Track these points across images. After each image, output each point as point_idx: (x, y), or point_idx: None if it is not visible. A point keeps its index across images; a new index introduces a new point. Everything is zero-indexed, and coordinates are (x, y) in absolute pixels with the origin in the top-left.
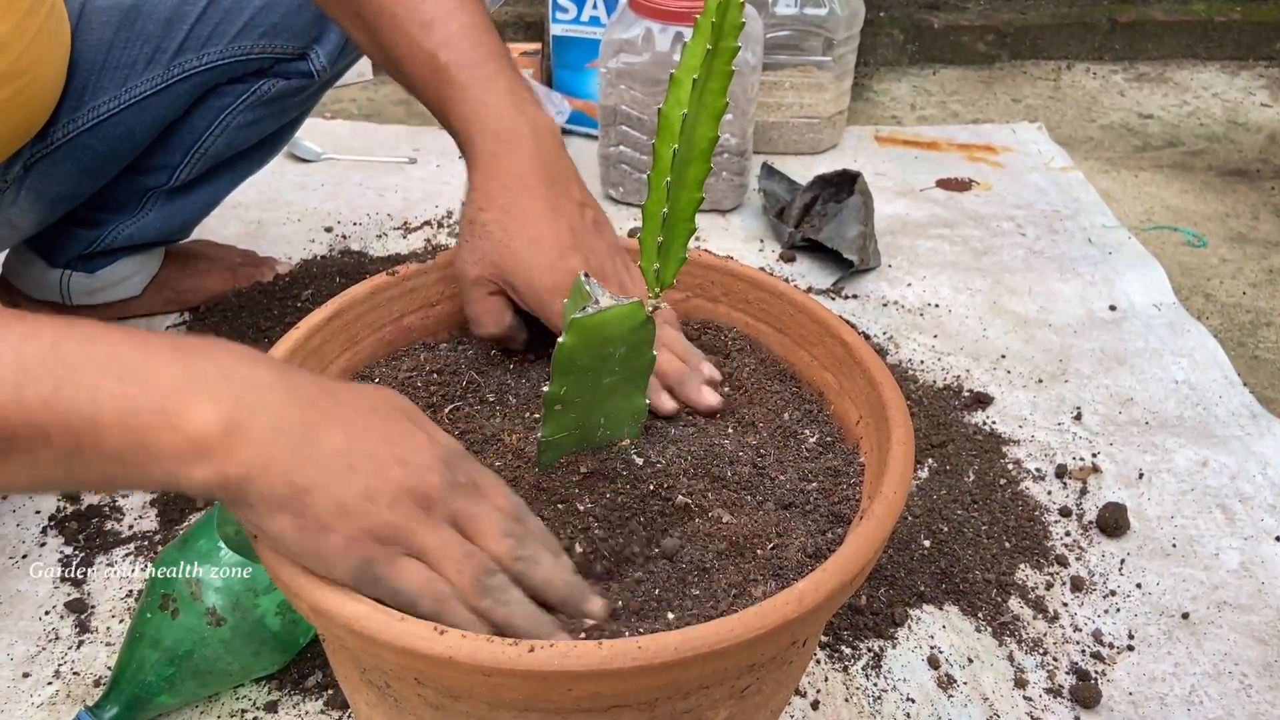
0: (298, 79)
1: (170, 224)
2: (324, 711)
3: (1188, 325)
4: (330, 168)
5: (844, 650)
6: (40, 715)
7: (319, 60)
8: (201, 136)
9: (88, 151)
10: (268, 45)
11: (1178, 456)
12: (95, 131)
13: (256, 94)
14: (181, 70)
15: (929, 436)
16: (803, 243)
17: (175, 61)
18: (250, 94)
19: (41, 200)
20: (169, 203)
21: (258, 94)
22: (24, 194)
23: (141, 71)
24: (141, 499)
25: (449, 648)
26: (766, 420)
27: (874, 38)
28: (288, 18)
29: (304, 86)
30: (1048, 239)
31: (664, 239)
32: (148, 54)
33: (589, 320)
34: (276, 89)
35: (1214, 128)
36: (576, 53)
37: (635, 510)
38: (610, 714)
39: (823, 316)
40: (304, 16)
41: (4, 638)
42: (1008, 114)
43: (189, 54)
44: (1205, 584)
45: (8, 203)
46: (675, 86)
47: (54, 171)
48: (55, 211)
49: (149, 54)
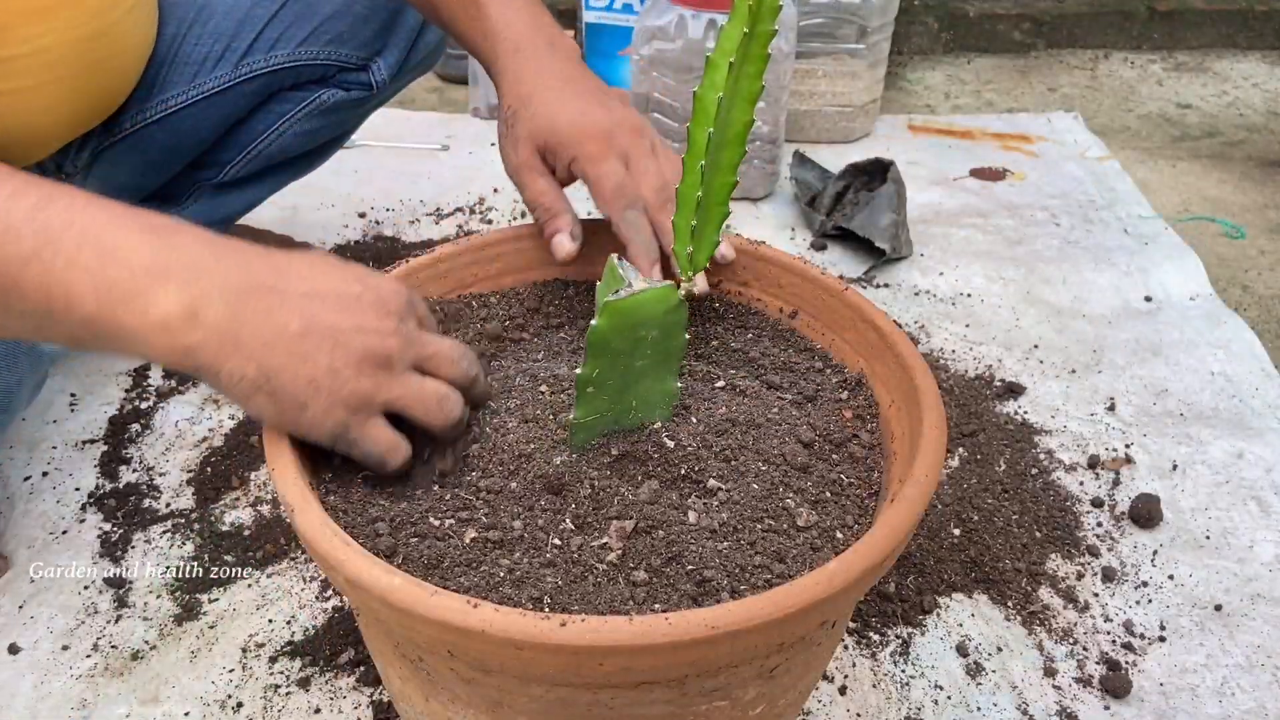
0: (357, 90)
1: (211, 217)
2: (356, 687)
3: (1224, 317)
4: (364, 154)
5: (872, 637)
6: (79, 687)
7: (380, 73)
8: (258, 138)
9: (153, 144)
10: (333, 53)
11: (1212, 448)
12: (162, 124)
13: (317, 102)
14: (249, 70)
15: (960, 425)
16: (834, 231)
17: (244, 61)
18: (311, 101)
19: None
20: (213, 197)
21: (318, 102)
22: (90, 183)
23: (211, 69)
24: (179, 479)
25: (482, 621)
26: (798, 404)
27: (908, 26)
28: (354, 27)
29: (363, 99)
30: (1083, 229)
31: (697, 222)
32: (218, 52)
33: (622, 303)
34: (336, 99)
35: (1253, 118)
36: (609, 40)
37: (666, 491)
38: (640, 690)
39: (855, 302)
40: (370, 28)
41: (44, 611)
42: (1043, 103)
43: (257, 55)
44: (1239, 576)
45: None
46: (711, 70)
47: (120, 161)
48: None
49: (219, 52)
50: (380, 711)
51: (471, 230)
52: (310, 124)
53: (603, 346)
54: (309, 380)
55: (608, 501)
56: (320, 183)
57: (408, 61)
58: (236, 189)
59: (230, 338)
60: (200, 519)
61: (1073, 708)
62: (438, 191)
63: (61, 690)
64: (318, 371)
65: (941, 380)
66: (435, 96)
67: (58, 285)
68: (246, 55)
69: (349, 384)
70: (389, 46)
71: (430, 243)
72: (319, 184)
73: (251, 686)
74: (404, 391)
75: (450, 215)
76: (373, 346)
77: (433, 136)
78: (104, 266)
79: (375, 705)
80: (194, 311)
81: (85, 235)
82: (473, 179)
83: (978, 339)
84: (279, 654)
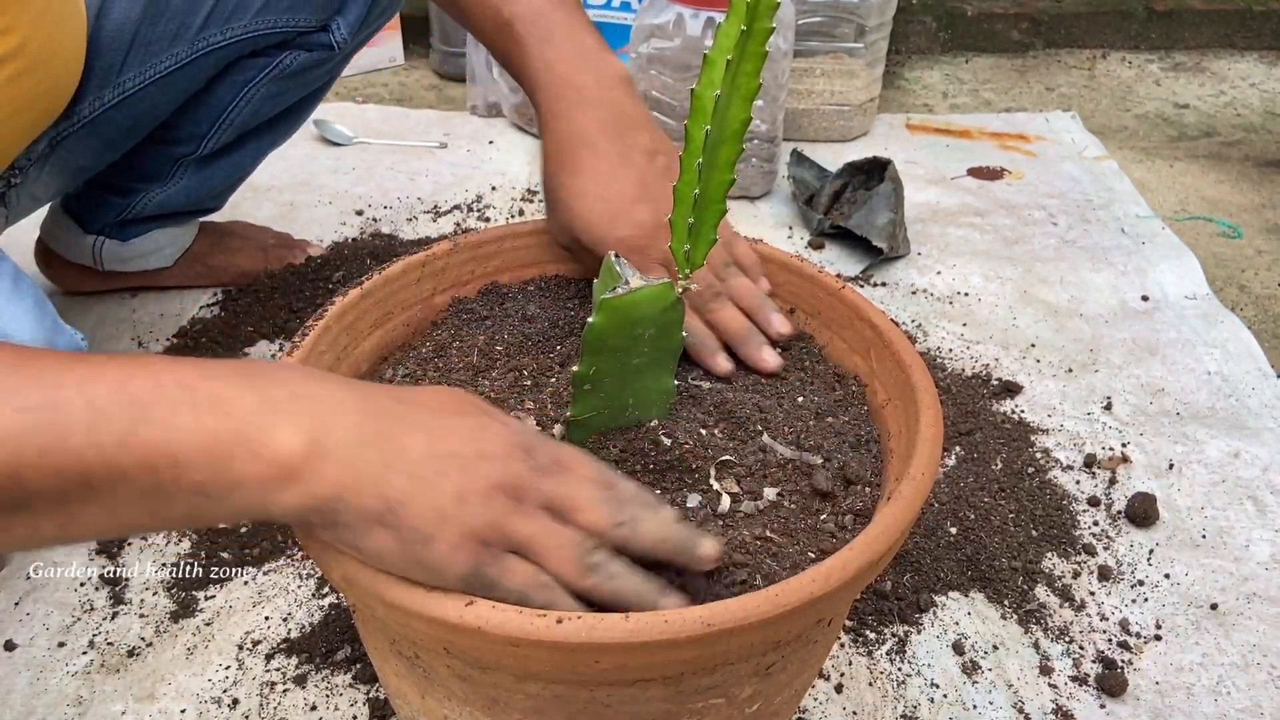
0: (320, 51)
1: (200, 191)
2: (353, 684)
3: (1221, 316)
4: (362, 152)
5: (868, 635)
6: (75, 684)
7: (340, 32)
8: (227, 108)
9: (111, 126)
10: (290, 19)
11: (1209, 447)
12: (120, 107)
13: (279, 67)
14: (206, 45)
15: (957, 424)
16: (832, 230)
17: (200, 36)
18: (274, 67)
19: (64, 173)
20: (198, 171)
21: (280, 67)
22: (48, 169)
23: (167, 47)
24: None
25: (478, 618)
26: (795, 403)
27: (906, 25)
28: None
29: (326, 59)
30: (1080, 228)
31: (694, 220)
32: (173, 30)
33: (619, 301)
34: (299, 61)
35: (1251, 118)
36: (608, 38)
37: (663, 489)
38: (636, 687)
39: (852, 300)
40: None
41: (40, 608)
42: (1041, 103)
43: (213, 29)
44: (1235, 575)
45: (32, 178)
46: (709, 67)
47: (78, 147)
48: (75, 181)
49: (174, 30)
50: (376, 709)
51: (469, 228)
52: (276, 88)
53: (599, 344)
54: (434, 509)
55: None
56: (318, 180)
57: (369, 16)
58: (219, 159)
59: (351, 468)
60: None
61: (1068, 706)
62: (435, 189)
63: (57, 687)
64: (444, 499)
65: (938, 379)
66: (433, 94)
67: (162, 457)
68: (202, 30)
69: (479, 514)
70: (347, 4)
71: (427, 240)
72: (316, 181)
73: (248, 684)
74: (538, 529)
75: (448, 213)
76: (500, 474)
77: (430, 134)
78: (207, 421)
79: (371, 702)
80: (317, 442)
81: (180, 396)
82: (470, 176)
83: (975, 338)
84: (275, 651)
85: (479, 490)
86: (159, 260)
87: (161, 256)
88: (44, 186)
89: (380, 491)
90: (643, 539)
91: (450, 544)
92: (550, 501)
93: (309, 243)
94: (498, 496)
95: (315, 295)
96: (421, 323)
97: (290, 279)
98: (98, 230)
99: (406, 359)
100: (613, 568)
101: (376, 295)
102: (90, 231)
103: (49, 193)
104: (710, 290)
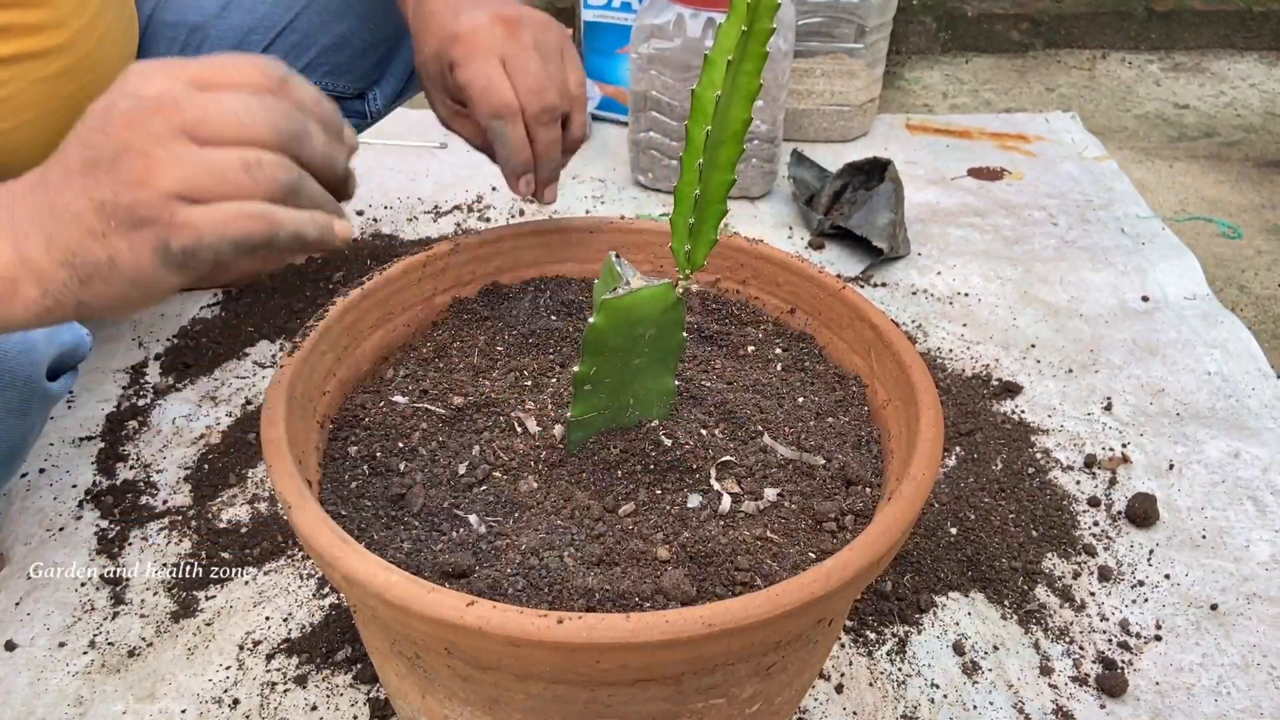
0: (353, 118)
1: None
2: (353, 685)
3: (1221, 317)
4: (362, 152)
5: (869, 635)
6: (75, 684)
7: (375, 102)
8: None
9: None
10: (331, 84)
11: (1209, 448)
12: None
13: None
14: None
15: (957, 425)
16: (832, 230)
17: None
18: None
19: None
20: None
21: None
22: None
23: None
24: (176, 476)
25: (479, 618)
26: (796, 404)
27: (906, 25)
28: (354, 60)
29: (356, 127)
30: (1080, 228)
31: (695, 220)
32: None
33: (619, 301)
34: None
35: (1251, 118)
36: (608, 38)
37: (663, 489)
38: (637, 687)
39: (853, 300)
40: (369, 60)
41: (41, 608)
42: (1041, 103)
43: None
44: (1235, 575)
45: None
46: (709, 68)
47: None
48: None
49: None
50: (377, 709)
51: (469, 228)
52: None
53: (600, 344)
54: (89, 227)
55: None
56: None
57: (405, 89)
58: None
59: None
60: (197, 516)
61: (1068, 706)
62: (436, 189)
63: (58, 687)
64: (88, 211)
65: (939, 379)
66: None
67: None
68: None
69: (120, 201)
70: (386, 76)
71: (428, 240)
72: None
73: (248, 684)
74: (185, 172)
75: (448, 213)
76: (111, 150)
77: (431, 134)
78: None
79: (372, 703)
80: (21, 255)
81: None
82: (471, 177)
83: (975, 338)
84: (276, 651)
85: (106, 185)
86: None
87: None
88: None
89: (50, 251)
90: (310, 145)
91: (127, 247)
92: (187, 130)
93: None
94: (123, 172)
95: (315, 295)
96: (422, 323)
97: (291, 279)
98: None
99: (407, 359)
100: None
101: (377, 295)
102: None
103: None
104: (537, 102)
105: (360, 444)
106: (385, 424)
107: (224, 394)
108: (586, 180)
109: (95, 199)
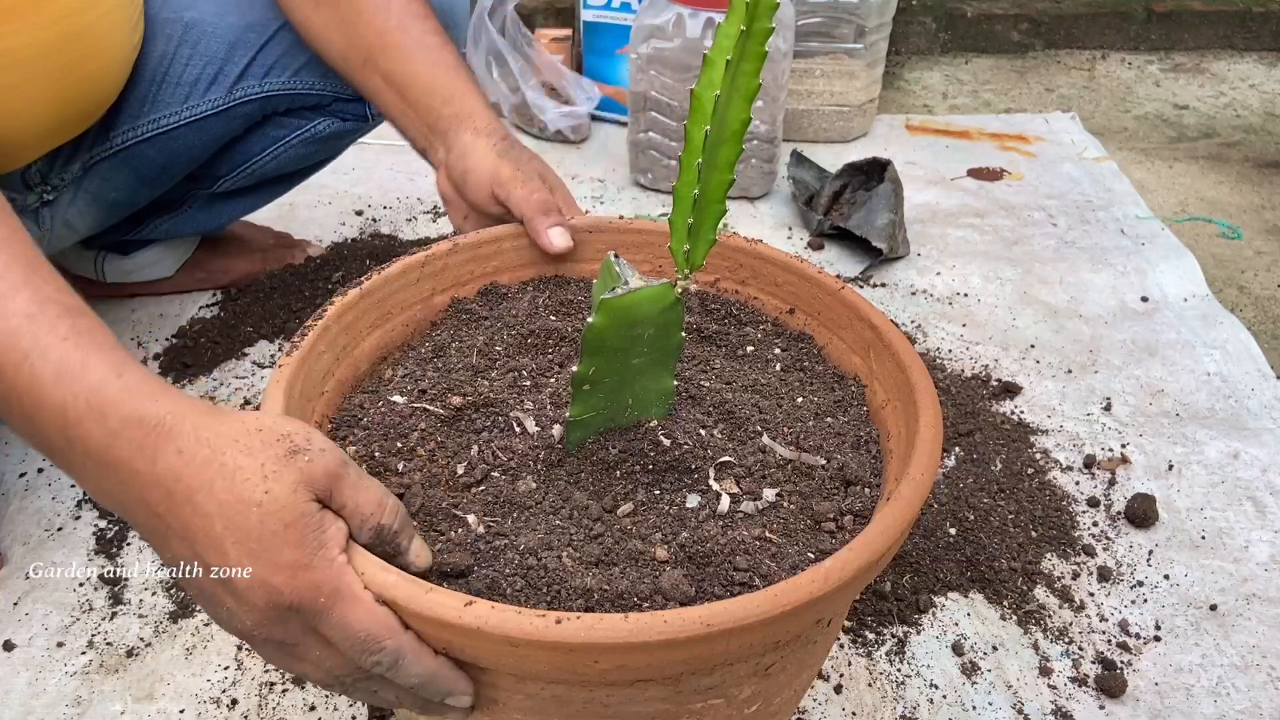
0: (353, 121)
1: (206, 224)
2: None
3: (1220, 317)
4: (362, 152)
5: (868, 636)
6: (74, 684)
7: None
8: (254, 158)
9: (145, 161)
10: (328, 85)
11: (1208, 448)
12: (154, 142)
13: (312, 131)
14: (244, 94)
15: (956, 425)
16: (831, 230)
17: (238, 86)
18: (307, 129)
19: (98, 204)
20: (208, 205)
21: (312, 131)
22: (81, 196)
23: (204, 91)
24: None
25: (477, 618)
26: (795, 404)
27: (906, 26)
28: None
29: (356, 129)
30: (1079, 229)
31: (694, 220)
32: (211, 74)
33: (619, 301)
34: (331, 129)
35: (1250, 119)
36: (607, 39)
37: (662, 489)
38: (636, 688)
39: (852, 300)
40: None
41: (39, 609)
42: (1041, 104)
43: (252, 80)
44: (1234, 576)
45: (65, 203)
46: (708, 67)
47: (111, 176)
48: (111, 216)
49: (212, 74)
50: (375, 709)
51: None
52: (305, 149)
53: (599, 344)
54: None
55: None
56: (318, 180)
57: None
58: (231, 199)
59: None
60: None
61: (1068, 707)
62: (434, 189)
63: (56, 687)
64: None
65: (938, 380)
66: None
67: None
68: (240, 80)
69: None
70: None
71: (427, 240)
72: (316, 181)
73: (246, 684)
74: (319, 675)
75: (447, 213)
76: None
77: None
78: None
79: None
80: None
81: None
82: None
83: (974, 339)
84: None
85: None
86: (160, 270)
87: (163, 266)
88: (79, 215)
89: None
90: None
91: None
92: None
93: (309, 242)
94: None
95: (315, 295)
96: (421, 323)
97: (290, 279)
98: (99, 245)
99: (406, 359)
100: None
101: (376, 295)
102: (91, 247)
103: (84, 223)
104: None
105: (359, 444)
106: (384, 424)
107: (223, 394)
108: (586, 180)
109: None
